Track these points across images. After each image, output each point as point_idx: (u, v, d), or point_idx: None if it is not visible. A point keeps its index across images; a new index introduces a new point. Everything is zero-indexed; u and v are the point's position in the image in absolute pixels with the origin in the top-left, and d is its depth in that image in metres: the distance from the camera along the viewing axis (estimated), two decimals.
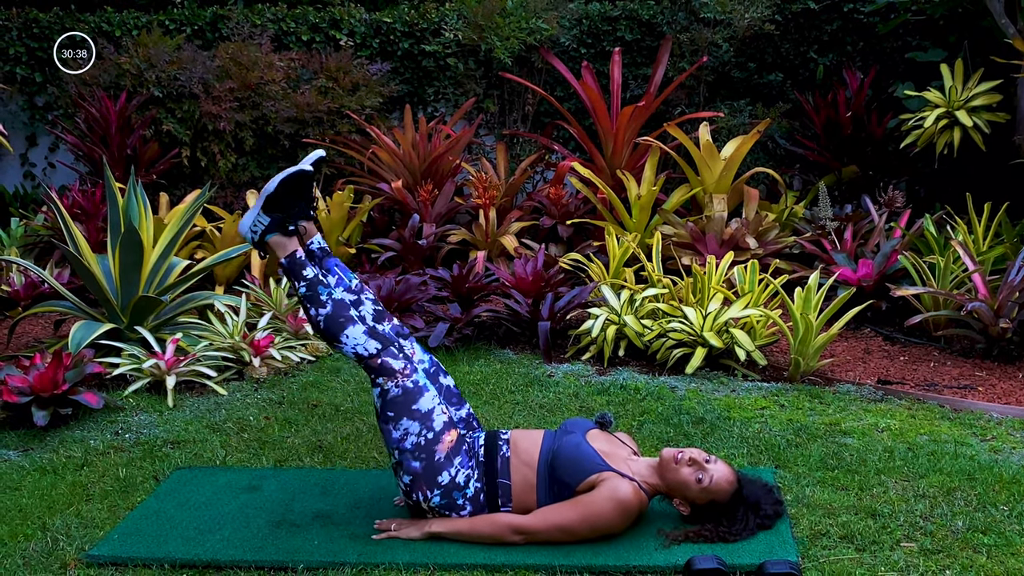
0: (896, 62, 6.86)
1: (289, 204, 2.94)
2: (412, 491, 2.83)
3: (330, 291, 2.92)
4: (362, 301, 3.04)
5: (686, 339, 4.48)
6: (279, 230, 2.95)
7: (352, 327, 2.87)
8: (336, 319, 2.87)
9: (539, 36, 7.05)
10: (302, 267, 2.93)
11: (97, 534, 2.92)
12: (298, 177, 2.91)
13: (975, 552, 2.71)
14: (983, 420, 3.87)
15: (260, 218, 2.95)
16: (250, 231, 2.97)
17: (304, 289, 2.91)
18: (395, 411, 2.82)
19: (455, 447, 2.85)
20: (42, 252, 6.25)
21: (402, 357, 2.89)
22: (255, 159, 6.75)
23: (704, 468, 2.78)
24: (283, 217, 2.94)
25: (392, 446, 2.84)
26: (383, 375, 2.84)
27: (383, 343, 2.87)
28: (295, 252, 2.94)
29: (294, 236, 2.96)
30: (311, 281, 2.91)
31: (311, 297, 2.90)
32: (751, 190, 6.20)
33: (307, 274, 2.92)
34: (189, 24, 7.30)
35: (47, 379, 3.83)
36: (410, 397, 2.82)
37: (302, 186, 2.94)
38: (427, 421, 2.82)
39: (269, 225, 2.94)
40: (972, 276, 4.79)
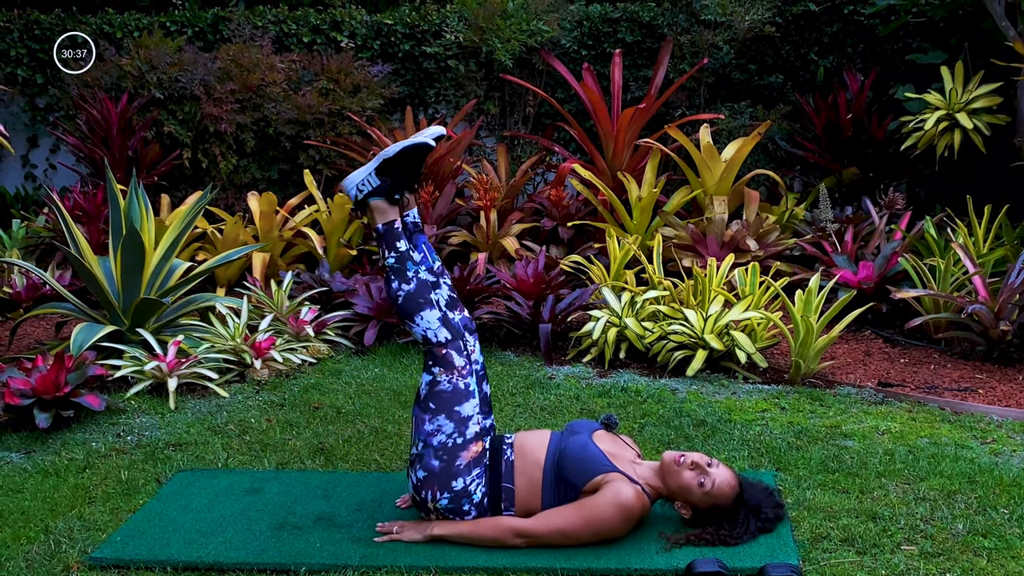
0: (896, 64, 6.86)
1: (401, 173, 2.92)
2: (422, 488, 2.83)
3: (417, 269, 2.91)
4: (440, 285, 3.01)
5: (687, 341, 4.48)
6: (384, 195, 2.92)
7: (429, 311, 2.87)
8: (416, 299, 2.87)
9: (540, 38, 7.05)
10: (397, 238, 2.91)
11: (99, 536, 2.92)
12: (419, 149, 2.89)
13: (975, 555, 2.72)
14: (983, 423, 3.88)
15: (371, 178, 2.92)
16: (356, 188, 2.93)
17: (393, 261, 2.89)
18: (437, 404, 2.82)
19: (477, 458, 2.85)
20: (43, 254, 6.25)
21: (465, 355, 2.88)
22: (256, 161, 6.75)
23: (706, 472, 2.78)
24: (392, 184, 2.91)
25: (419, 436, 2.83)
26: (441, 366, 2.84)
27: (453, 335, 2.87)
28: (394, 221, 2.92)
29: (396, 205, 2.94)
30: (402, 254, 2.90)
31: (398, 270, 2.89)
32: (752, 192, 6.20)
33: (400, 246, 2.90)
34: (190, 26, 7.31)
35: (49, 381, 3.84)
36: (457, 397, 2.83)
37: (419, 159, 2.92)
38: (462, 426, 2.82)
39: (377, 188, 2.91)
40: (972, 278, 4.80)
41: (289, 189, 6.81)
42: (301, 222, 6.26)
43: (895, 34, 6.79)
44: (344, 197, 6.13)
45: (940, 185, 6.60)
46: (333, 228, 6.10)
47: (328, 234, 6.12)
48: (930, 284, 5.05)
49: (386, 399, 4.19)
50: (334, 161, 6.88)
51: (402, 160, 2.90)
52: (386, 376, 4.51)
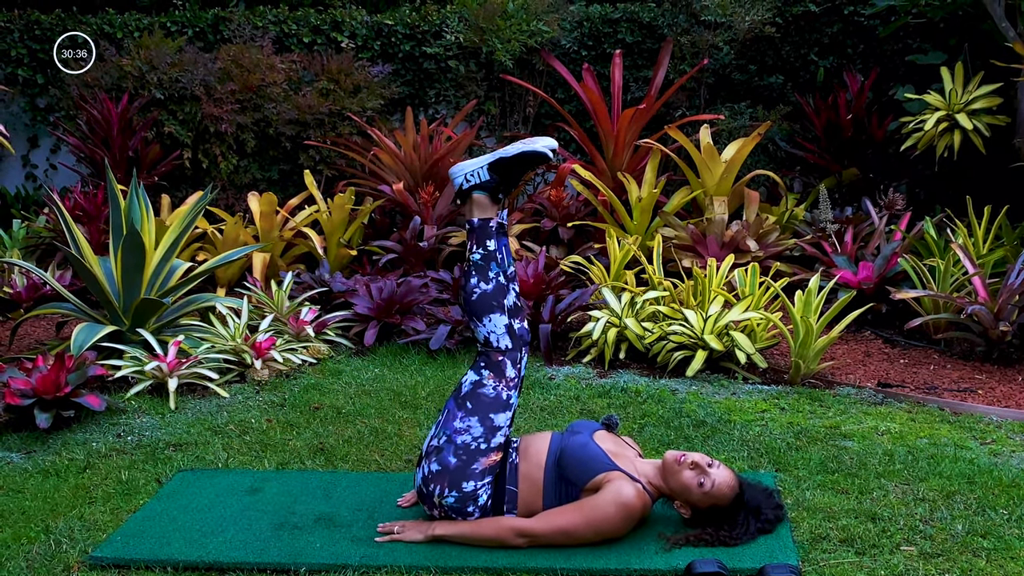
0: (896, 65, 6.87)
1: (511, 175, 2.93)
2: (432, 481, 2.83)
3: (499, 271, 2.91)
4: (509, 291, 3.00)
5: (687, 342, 4.49)
6: (490, 192, 2.93)
7: (499, 315, 2.88)
8: (491, 300, 2.87)
9: (540, 38, 7.06)
10: (489, 236, 2.91)
11: (100, 536, 2.93)
12: (538, 157, 2.91)
13: (975, 556, 2.72)
14: (983, 423, 3.88)
15: (481, 171, 2.93)
16: (464, 177, 2.94)
17: (479, 257, 2.90)
18: (475, 406, 2.83)
19: (492, 467, 2.85)
20: (44, 254, 6.26)
21: (517, 368, 2.89)
22: (256, 161, 6.76)
23: (706, 473, 2.79)
24: (500, 183, 2.92)
25: (446, 431, 2.84)
26: (492, 371, 2.85)
27: (514, 345, 2.88)
28: (490, 219, 2.93)
29: (497, 204, 2.95)
30: (490, 253, 2.90)
31: (481, 268, 2.89)
32: (752, 192, 6.21)
33: (490, 245, 2.91)
34: (190, 26, 7.31)
35: (49, 381, 3.84)
36: (496, 406, 2.84)
37: (532, 166, 2.93)
38: (490, 434, 2.83)
39: (485, 183, 2.92)
40: (972, 279, 4.80)
41: (289, 189, 6.82)
42: (301, 222, 6.26)
43: (895, 35, 6.79)
44: (344, 198, 6.13)
45: (940, 186, 6.60)
46: (333, 228, 6.10)
47: (328, 234, 6.12)
48: (930, 285, 5.06)
49: (386, 399, 4.20)
50: (334, 161, 6.89)
51: (517, 163, 2.91)
52: (386, 376, 4.52)
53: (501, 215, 3.00)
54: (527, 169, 2.95)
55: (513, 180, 2.95)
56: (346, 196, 6.16)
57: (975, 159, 6.02)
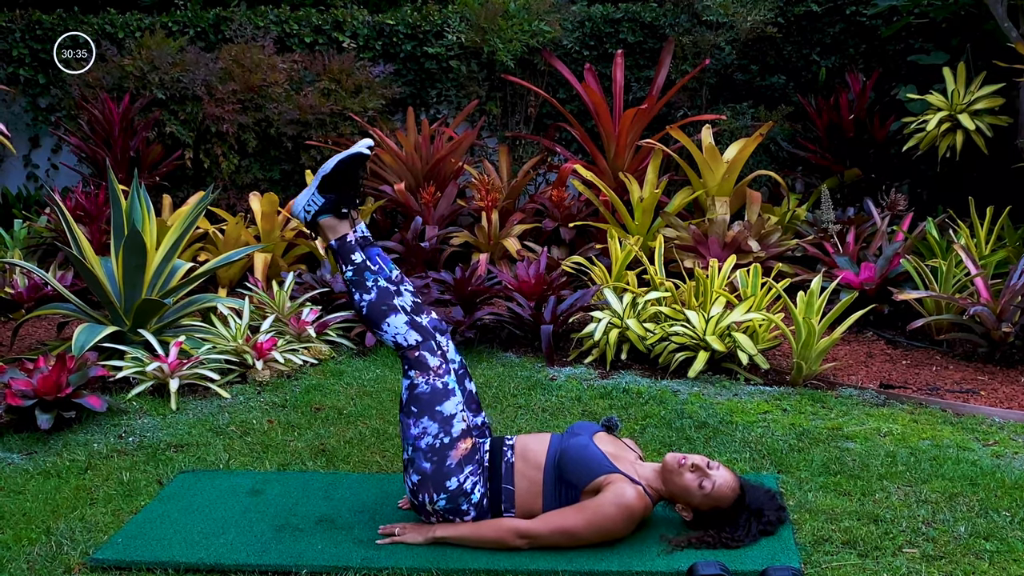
0: (898, 65, 6.86)
1: (342, 187, 2.96)
2: (419, 491, 2.84)
3: (376, 278, 2.93)
4: (401, 292, 3.01)
5: (688, 343, 4.48)
6: (332, 212, 2.96)
7: (394, 316, 2.89)
8: (379, 306, 2.89)
9: (542, 38, 7.05)
10: (351, 251, 2.94)
11: (101, 538, 2.92)
12: (354, 159, 2.94)
13: (977, 558, 2.72)
14: (985, 425, 3.88)
15: (315, 198, 2.97)
16: (303, 210, 2.99)
17: (351, 274, 2.93)
18: (419, 407, 2.83)
19: (468, 455, 2.85)
20: (45, 254, 6.26)
21: (439, 355, 2.90)
22: (258, 161, 6.76)
23: (707, 475, 2.78)
24: (337, 199, 2.96)
25: (407, 441, 2.85)
26: (417, 368, 2.86)
27: (423, 336, 2.89)
28: (346, 235, 2.96)
29: (345, 219, 2.98)
30: (359, 266, 2.93)
31: (357, 282, 2.92)
32: (753, 193, 6.20)
33: (355, 258, 2.94)
34: (192, 26, 7.31)
35: (50, 382, 3.84)
36: (436, 397, 2.84)
37: (356, 170, 2.96)
38: (447, 425, 2.83)
39: (323, 206, 2.96)
40: (974, 280, 4.79)
41: (291, 189, 6.81)
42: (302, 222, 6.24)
43: (897, 35, 6.79)
44: None
45: (942, 186, 6.60)
46: None
47: None
48: (932, 285, 5.05)
49: (387, 400, 4.19)
50: None
51: (340, 174, 2.95)
52: (387, 377, 4.51)
53: (359, 228, 3.03)
54: (355, 174, 2.97)
55: (348, 190, 2.98)
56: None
57: (977, 160, 6.01)
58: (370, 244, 3.04)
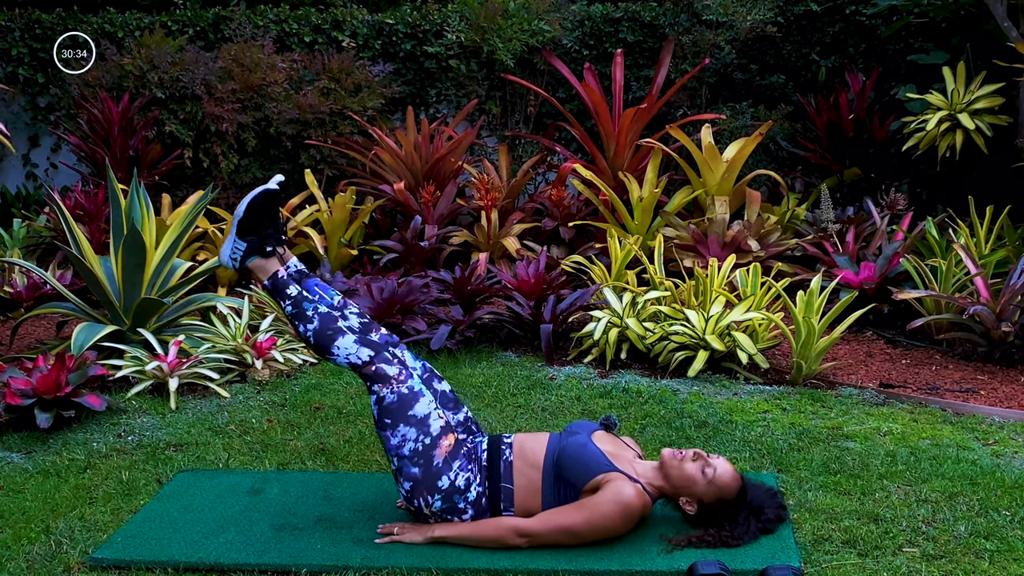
0: (898, 64, 6.86)
1: (261, 226, 3.00)
2: (413, 497, 2.84)
3: (315, 305, 2.95)
4: (347, 316, 3.03)
5: (688, 342, 4.48)
6: (257, 253, 3.00)
7: (342, 337, 2.90)
8: (324, 332, 2.91)
9: (541, 38, 7.05)
10: (285, 286, 2.98)
11: (100, 537, 2.92)
12: (265, 197, 2.98)
13: (977, 558, 2.72)
14: (985, 424, 3.87)
15: (236, 244, 3.01)
16: (230, 259, 3.03)
17: (290, 308, 2.96)
18: (392, 418, 2.84)
19: (453, 451, 2.85)
20: (44, 253, 6.26)
21: (396, 363, 2.91)
22: (257, 160, 6.75)
23: (708, 462, 2.81)
24: (259, 240, 3.00)
25: (391, 453, 2.85)
26: (378, 382, 2.86)
27: (375, 350, 2.90)
28: (277, 272, 3.00)
29: (272, 257, 3.01)
30: (295, 299, 2.96)
31: (298, 314, 2.94)
32: (753, 192, 6.20)
33: (291, 292, 2.97)
34: (191, 25, 7.31)
35: (50, 381, 3.84)
36: (406, 403, 2.84)
37: (270, 207, 3.00)
38: (424, 426, 2.83)
39: (247, 249, 3.00)
40: (974, 279, 4.79)
41: (290, 189, 6.80)
42: (302, 222, 6.25)
43: (897, 34, 6.78)
44: (345, 197, 6.13)
45: (942, 186, 6.59)
46: (334, 228, 6.09)
47: (329, 234, 6.11)
48: (932, 285, 5.05)
49: None
50: (335, 161, 6.88)
51: (254, 214, 2.98)
52: None
53: (291, 263, 3.06)
54: (271, 211, 3.00)
55: (269, 228, 3.00)
56: (347, 195, 6.16)
57: (977, 159, 6.01)
58: (307, 276, 3.08)
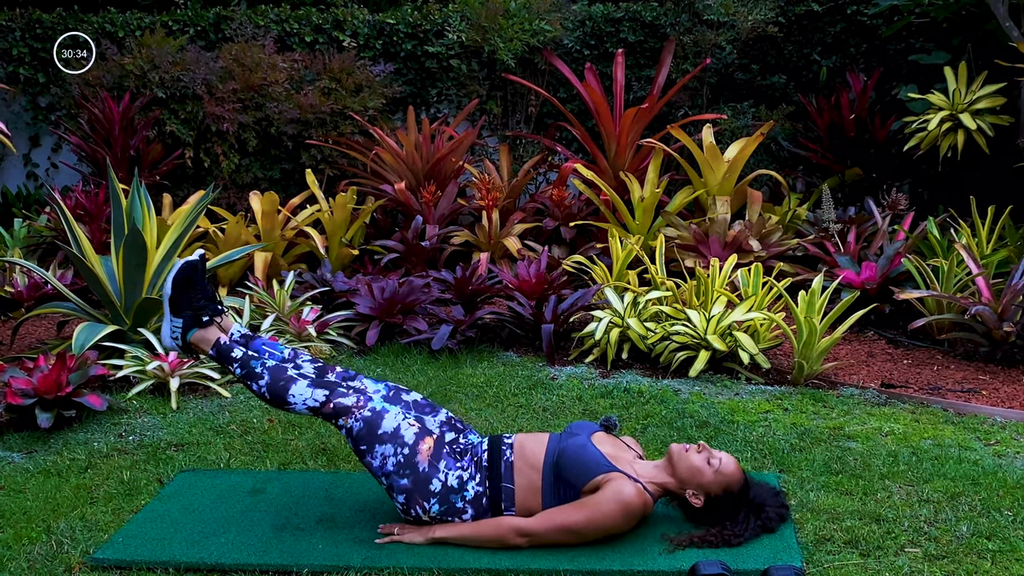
0: (899, 64, 6.85)
1: (193, 299, 3.01)
2: (410, 507, 2.84)
3: (262, 361, 2.95)
4: (300, 365, 3.05)
5: (689, 342, 4.47)
6: (196, 326, 3.01)
7: (294, 385, 2.89)
8: (277, 383, 2.90)
9: (542, 38, 7.05)
10: (229, 351, 2.98)
11: (101, 537, 2.92)
12: (188, 270, 3.00)
13: (980, 558, 2.71)
14: (987, 424, 3.87)
15: (174, 323, 3.02)
16: (172, 340, 3.04)
17: (239, 370, 2.95)
18: (365, 443, 2.84)
19: (435, 452, 2.86)
20: (45, 253, 6.25)
21: (352, 393, 2.91)
22: (258, 160, 6.75)
23: (713, 454, 2.83)
24: (193, 312, 3.01)
25: (378, 475, 2.86)
26: (341, 415, 2.87)
27: (330, 388, 2.90)
28: (219, 339, 3.00)
29: (211, 326, 3.02)
30: (242, 360, 2.96)
31: (247, 374, 2.93)
32: (754, 192, 6.19)
33: (236, 355, 2.97)
34: (192, 25, 7.30)
35: (51, 381, 3.84)
36: (373, 424, 2.84)
37: (197, 278, 3.02)
38: (397, 438, 2.83)
39: (184, 325, 3.01)
40: (976, 279, 4.79)
41: (291, 188, 6.81)
42: (303, 222, 6.25)
43: (898, 34, 6.78)
44: (346, 197, 6.12)
45: (943, 186, 6.59)
46: (335, 228, 6.09)
47: (330, 234, 6.11)
48: (933, 285, 5.04)
49: None
50: (336, 160, 6.88)
51: (181, 289, 3.00)
52: (388, 376, 4.51)
53: (233, 329, 3.07)
54: (197, 282, 3.02)
55: (201, 299, 3.02)
56: (348, 195, 6.15)
57: (979, 159, 6.00)
58: (252, 339, 3.09)
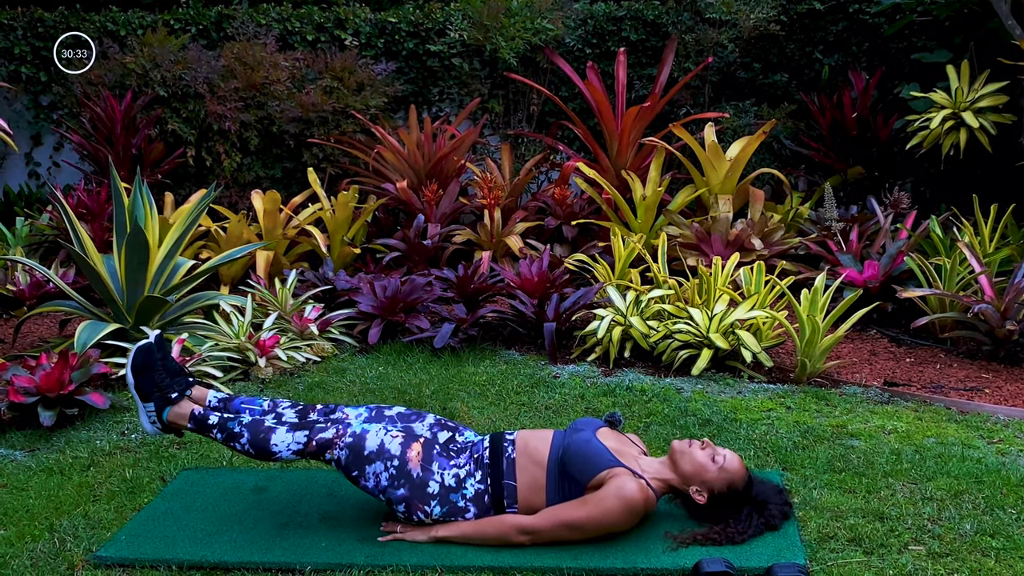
0: (902, 63, 6.85)
1: (156, 381, 2.99)
2: (411, 513, 2.84)
3: (239, 419, 2.95)
4: (280, 413, 3.06)
5: (692, 340, 4.47)
6: (168, 404, 2.99)
7: (274, 434, 2.90)
8: (257, 437, 2.90)
9: (544, 36, 7.04)
10: (205, 419, 2.97)
11: (104, 535, 2.92)
12: (141, 354, 2.98)
13: (983, 556, 2.71)
14: (990, 422, 3.87)
15: (147, 408, 3.00)
16: (151, 424, 3.02)
17: (219, 435, 2.95)
18: (356, 468, 2.84)
19: (425, 455, 2.86)
20: (47, 252, 6.25)
21: (331, 425, 2.91)
22: (260, 159, 6.75)
23: (717, 451, 2.83)
24: (160, 394, 2.99)
25: (375, 493, 2.85)
26: (326, 450, 2.87)
27: (309, 428, 2.91)
28: (193, 411, 2.98)
29: (182, 400, 3.00)
30: (219, 424, 2.95)
31: (228, 436, 2.93)
32: (756, 191, 6.19)
33: (212, 421, 2.96)
34: (194, 24, 7.30)
35: (53, 379, 3.83)
36: (357, 449, 2.84)
37: (155, 359, 2.99)
38: (383, 454, 2.83)
39: (157, 407, 2.99)
40: (978, 278, 4.79)
41: (293, 187, 6.81)
42: (305, 220, 6.25)
43: (900, 33, 6.77)
44: (347, 196, 6.12)
45: (945, 184, 6.58)
46: (337, 226, 6.09)
47: (332, 232, 6.11)
48: (936, 283, 5.04)
49: (390, 397, 4.18)
50: (338, 159, 6.88)
51: (143, 373, 2.98)
52: (390, 374, 4.50)
53: (209, 396, 3.08)
54: (155, 363, 2.99)
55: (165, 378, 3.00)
56: (350, 194, 6.15)
57: (981, 157, 6.00)
58: (230, 400, 3.09)
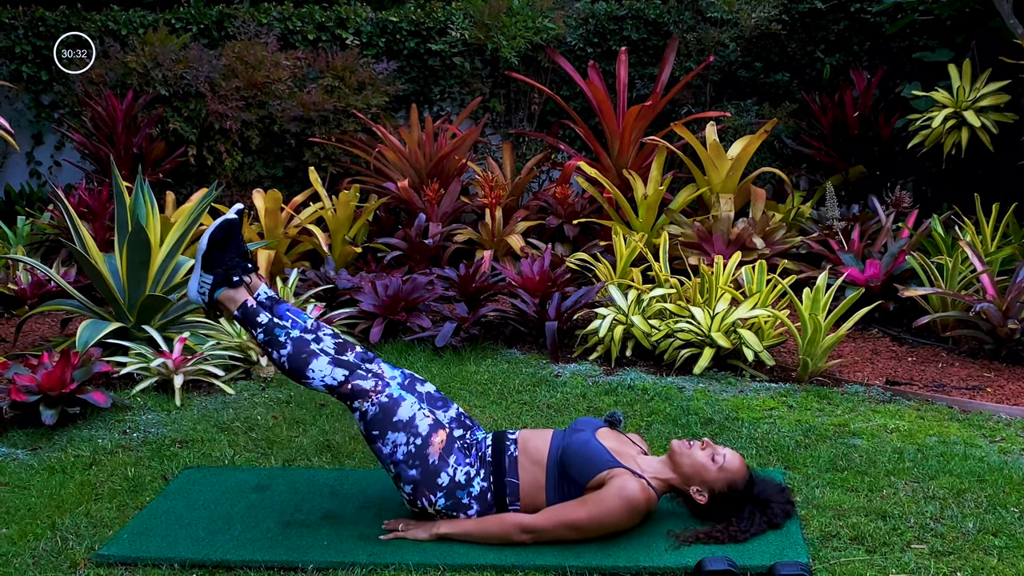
0: (903, 62, 6.84)
1: (226, 257, 2.98)
2: (416, 498, 2.84)
3: (287, 331, 2.93)
4: (321, 338, 3.03)
5: (694, 339, 4.47)
6: (225, 284, 2.98)
7: (316, 360, 2.88)
8: (299, 356, 2.89)
9: (545, 35, 7.04)
10: (255, 314, 2.95)
11: (106, 533, 2.92)
12: (226, 227, 2.96)
13: (986, 554, 2.71)
14: (992, 421, 3.86)
15: (203, 278, 2.99)
16: (199, 294, 3.00)
17: (262, 335, 2.93)
18: (378, 428, 2.83)
19: (447, 447, 2.85)
20: (48, 251, 6.26)
21: (371, 376, 2.90)
22: (261, 158, 6.75)
23: (716, 450, 2.83)
24: (224, 271, 2.98)
25: (386, 462, 2.85)
26: (357, 398, 2.85)
27: (349, 368, 2.89)
28: (246, 302, 2.97)
29: (240, 287, 2.99)
30: (267, 326, 2.94)
31: (270, 341, 2.92)
32: (758, 190, 6.19)
33: (261, 320, 2.95)
34: (195, 23, 7.30)
35: (55, 378, 3.83)
36: (388, 411, 2.83)
37: (233, 236, 2.98)
38: (411, 428, 2.83)
39: (214, 282, 2.98)
40: (980, 277, 4.78)
41: (294, 186, 6.81)
42: (306, 219, 6.25)
43: (902, 32, 6.77)
44: (349, 195, 6.12)
45: (947, 183, 6.58)
46: (338, 225, 6.09)
47: (333, 231, 6.11)
48: (937, 282, 5.04)
49: None
50: (339, 158, 6.88)
51: (216, 246, 2.96)
52: None
53: (260, 291, 3.04)
54: (233, 240, 2.98)
55: (234, 257, 2.99)
56: (351, 193, 6.15)
57: (983, 156, 5.99)
58: (278, 302, 3.06)
